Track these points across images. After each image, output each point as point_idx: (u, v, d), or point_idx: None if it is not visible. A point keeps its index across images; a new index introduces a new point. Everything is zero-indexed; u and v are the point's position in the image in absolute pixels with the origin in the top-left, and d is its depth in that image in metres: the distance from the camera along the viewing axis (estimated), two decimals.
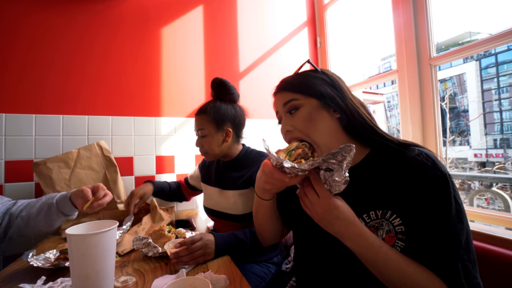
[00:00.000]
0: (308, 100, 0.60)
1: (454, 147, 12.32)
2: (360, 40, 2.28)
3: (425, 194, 0.50)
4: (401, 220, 0.52)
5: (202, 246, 0.76)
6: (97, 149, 1.16)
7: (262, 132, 1.66)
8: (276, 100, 0.65)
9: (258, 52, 1.71)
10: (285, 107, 0.62)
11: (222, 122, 1.02)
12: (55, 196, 0.85)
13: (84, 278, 0.51)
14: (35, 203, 0.85)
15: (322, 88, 0.60)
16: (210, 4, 1.60)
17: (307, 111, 0.59)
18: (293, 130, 0.60)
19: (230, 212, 1.04)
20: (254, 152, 1.09)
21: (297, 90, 0.61)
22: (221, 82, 1.06)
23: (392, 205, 0.54)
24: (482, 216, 0.99)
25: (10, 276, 0.68)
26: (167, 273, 0.68)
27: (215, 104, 1.03)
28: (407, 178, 0.52)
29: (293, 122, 0.60)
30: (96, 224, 0.59)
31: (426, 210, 0.49)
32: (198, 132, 1.04)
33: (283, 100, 0.62)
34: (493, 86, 13.76)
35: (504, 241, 0.78)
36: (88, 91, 1.32)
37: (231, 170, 1.07)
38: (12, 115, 1.19)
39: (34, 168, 1.05)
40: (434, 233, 0.48)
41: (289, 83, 0.63)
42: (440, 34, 18.84)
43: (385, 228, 0.54)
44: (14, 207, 0.85)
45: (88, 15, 1.34)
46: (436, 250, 0.48)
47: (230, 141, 1.04)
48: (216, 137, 1.02)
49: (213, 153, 1.04)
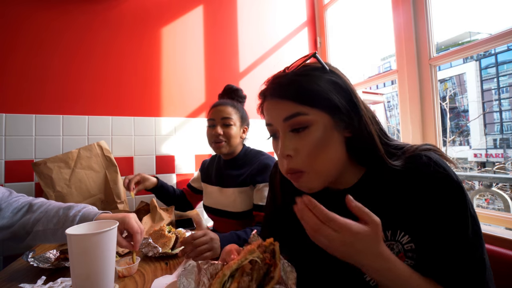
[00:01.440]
0: (319, 116, 0.45)
1: (454, 147, 12.33)
2: (360, 40, 2.28)
3: (439, 208, 0.43)
4: (410, 237, 0.46)
5: (208, 240, 0.72)
6: (97, 149, 1.16)
7: (261, 132, 1.65)
8: (270, 109, 0.49)
9: (258, 52, 1.71)
10: (287, 123, 0.46)
11: (244, 119, 1.11)
12: (77, 215, 0.68)
13: (84, 278, 0.51)
14: (52, 217, 0.68)
15: (336, 98, 0.45)
16: (210, 4, 1.60)
17: (318, 133, 0.45)
18: (295, 156, 0.46)
19: (230, 209, 1.05)
20: (253, 151, 1.12)
21: (303, 100, 0.45)
22: (237, 89, 1.17)
23: (400, 223, 0.46)
24: (482, 216, 0.99)
25: (10, 276, 0.68)
26: (167, 273, 0.68)
27: (238, 104, 1.12)
28: (415, 191, 0.44)
29: (298, 146, 0.45)
30: (96, 224, 0.59)
31: (441, 226, 0.43)
32: (222, 121, 1.05)
33: (284, 113, 0.46)
34: (493, 86, 13.76)
35: (504, 241, 0.78)
36: (88, 91, 1.32)
37: (231, 168, 1.09)
38: (12, 115, 1.19)
39: (34, 168, 1.05)
40: (454, 253, 0.42)
41: (290, 88, 0.46)
42: (440, 34, 18.86)
43: (395, 250, 0.47)
44: (28, 215, 0.69)
45: (88, 15, 1.34)
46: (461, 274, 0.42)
47: (243, 139, 1.11)
48: (239, 130, 1.08)
49: (234, 143, 1.06)
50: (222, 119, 1.05)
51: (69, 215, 0.68)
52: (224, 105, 1.07)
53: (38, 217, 0.69)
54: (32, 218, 0.68)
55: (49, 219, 0.68)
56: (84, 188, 1.10)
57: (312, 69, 0.48)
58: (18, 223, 0.68)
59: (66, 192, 1.06)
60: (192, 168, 1.51)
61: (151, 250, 0.77)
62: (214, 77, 1.58)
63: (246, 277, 0.40)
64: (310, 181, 0.46)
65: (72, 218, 0.67)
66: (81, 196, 1.09)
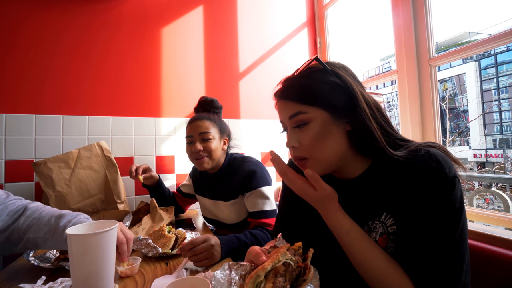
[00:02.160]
0: (318, 113, 0.52)
1: (454, 147, 12.34)
2: (360, 40, 2.28)
3: (423, 199, 0.46)
4: (394, 220, 0.50)
5: (207, 248, 0.72)
6: (97, 149, 1.16)
7: (261, 133, 1.66)
8: (280, 108, 0.58)
9: (258, 52, 1.71)
10: (292, 120, 0.54)
11: (224, 131, 1.11)
12: (67, 225, 0.66)
13: (84, 278, 0.51)
14: (44, 225, 0.67)
15: (334, 97, 0.52)
16: (210, 4, 1.60)
17: (317, 128, 0.52)
18: (299, 147, 0.54)
19: (226, 222, 1.09)
20: (237, 159, 1.11)
21: (304, 101, 0.52)
22: (212, 100, 1.15)
23: (388, 207, 0.51)
24: (482, 216, 0.99)
25: (10, 276, 0.68)
26: (167, 273, 0.68)
27: (215, 115, 1.11)
28: (409, 181, 0.48)
29: (300, 139, 0.53)
30: (96, 224, 0.59)
31: (423, 215, 0.45)
32: (200, 136, 1.04)
33: (289, 112, 0.54)
34: (493, 87, 13.78)
35: (504, 241, 0.78)
36: (88, 91, 1.32)
37: (218, 181, 1.11)
38: (12, 115, 1.19)
39: (34, 168, 1.05)
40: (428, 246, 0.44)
41: (294, 90, 0.54)
42: (439, 34, 18.88)
43: (378, 230, 0.51)
44: (21, 219, 0.68)
45: (88, 15, 1.34)
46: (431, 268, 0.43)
47: (224, 151, 1.11)
48: (219, 143, 1.07)
49: (215, 156, 1.05)
50: (200, 134, 1.03)
51: (59, 224, 0.66)
52: (201, 120, 1.05)
53: (30, 224, 0.67)
54: (25, 223, 0.67)
55: (40, 227, 0.67)
56: (84, 188, 1.10)
57: (315, 71, 0.54)
58: (12, 226, 0.67)
59: (66, 192, 1.06)
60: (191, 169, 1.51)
61: (151, 250, 0.77)
62: (214, 77, 1.58)
63: (281, 277, 0.42)
64: (313, 166, 0.53)
65: (63, 228, 0.65)
66: (81, 196, 1.09)
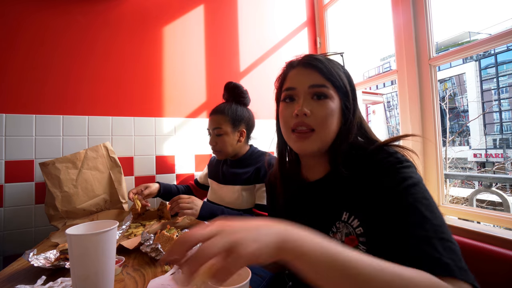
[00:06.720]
0: (336, 96, 0.54)
1: (454, 147, 12.33)
2: (360, 40, 2.28)
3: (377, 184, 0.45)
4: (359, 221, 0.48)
5: (190, 201, 0.91)
6: (103, 150, 1.17)
7: (261, 133, 1.65)
8: (298, 75, 0.56)
9: (258, 52, 1.71)
10: (312, 89, 0.54)
11: (239, 123, 1.09)
12: None
13: (84, 278, 0.51)
14: None
15: (348, 91, 0.55)
16: (211, 4, 1.60)
17: (333, 107, 0.53)
18: (311, 116, 0.53)
19: (232, 206, 1.08)
20: (259, 152, 1.15)
21: (329, 79, 0.54)
22: (236, 85, 1.12)
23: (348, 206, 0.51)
24: (482, 216, 0.99)
25: (10, 276, 0.68)
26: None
27: (232, 106, 1.10)
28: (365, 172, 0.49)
29: (315, 110, 0.53)
30: (96, 224, 0.59)
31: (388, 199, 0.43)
32: (214, 131, 1.07)
33: (313, 81, 0.54)
34: (493, 86, 13.77)
35: (504, 241, 0.78)
36: (89, 91, 1.32)
37: (236, 167, 1.11)
38: (12, 115, 1.19)
39: (42, 168, 1.05)
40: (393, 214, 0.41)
41: (323, 65, 0.54)
42: (439, 34, 18.87)
43: (343, 231, 0.50)
44: None
45: (89, 15, 1.34)
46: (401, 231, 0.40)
47: (243, 141, 1.10)
48: (232, 137, 1.08)
49: (226, 151, 1.08)
50: (214, 129, 1.08)
51: None
52: (215, 114, 1.09)
53: None
54: None
55: None
56: (89, 188, 1.10)
57: (336, 61, 0.58)
58: None
59: (73, 193, 1.06)
60: (192, 168, 1.51)
61: (159, 254, 0.78)
62: (214, 77, 1.58)
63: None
64: (314, 140, 0.54)
65: None
66: (87, 196, 1.09)
